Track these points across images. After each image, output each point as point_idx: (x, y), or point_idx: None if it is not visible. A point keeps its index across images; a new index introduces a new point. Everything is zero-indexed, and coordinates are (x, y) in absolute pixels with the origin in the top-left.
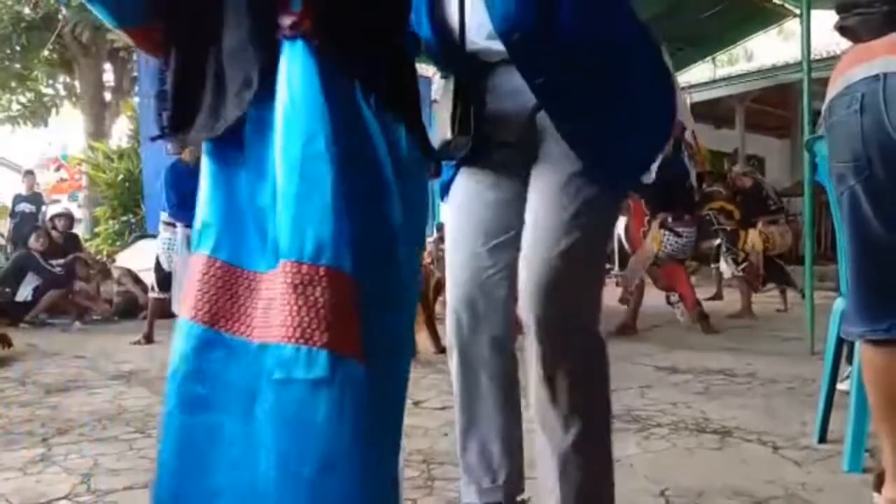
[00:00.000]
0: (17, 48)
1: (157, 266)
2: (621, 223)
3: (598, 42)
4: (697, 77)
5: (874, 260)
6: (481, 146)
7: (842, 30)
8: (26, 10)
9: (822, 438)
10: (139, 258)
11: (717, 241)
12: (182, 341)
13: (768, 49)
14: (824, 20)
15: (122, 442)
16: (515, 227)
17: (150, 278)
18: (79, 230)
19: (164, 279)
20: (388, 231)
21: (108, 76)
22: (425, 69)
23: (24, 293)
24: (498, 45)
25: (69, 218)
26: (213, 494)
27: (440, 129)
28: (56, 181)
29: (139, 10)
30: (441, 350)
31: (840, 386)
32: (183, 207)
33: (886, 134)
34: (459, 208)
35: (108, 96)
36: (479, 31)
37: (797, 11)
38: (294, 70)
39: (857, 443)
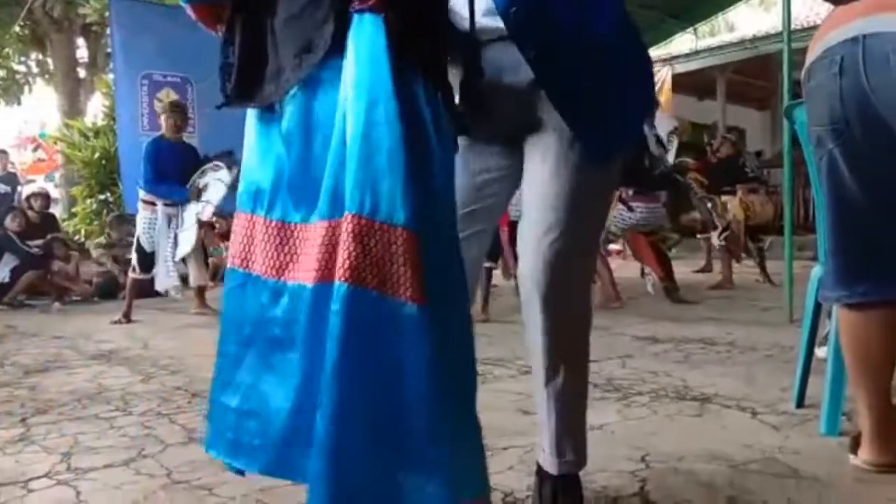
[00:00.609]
0: None
1: (138, 246)
2: None
3: (589, 18)
4: (679, 48)
5: (851, 224)
6: (477, 117)
7: None
8: None
9: (800, 403)
10: None
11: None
12: (257, 293)
13: (749, 19)
14: None
15: (102, 420)
16: (494, 196)
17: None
18: (56, 210)
19: (146, 259)
20: (438, 189)
21: (82, 52)
22: None
23: (2, 274)
24: (496, 23)
25: (46, 197)
26: (283, 412)
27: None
28: (34, 161)
29: None
30: None
31: (817, 352)
32: (159, 183)
33: (865, 96)
34: None
35: (81, 73)
36: (479, 9)
37: None
38: (362, 41)
39: (834, 407)
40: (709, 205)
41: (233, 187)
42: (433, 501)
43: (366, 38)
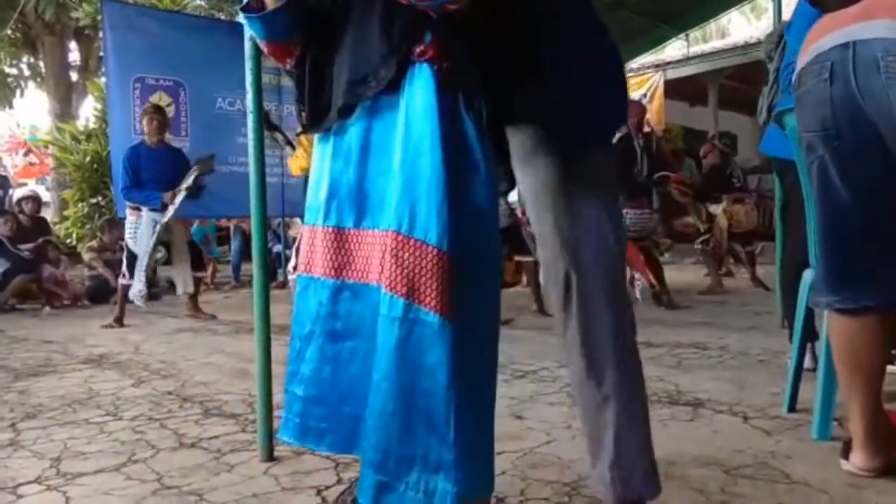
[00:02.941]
0: None
1: (127, 251)
2: None
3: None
4: (671, 54)
5: (841, 229)
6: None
7: (812, 1)
8: None
9: (792, 408)
10: None
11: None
12: (317, 293)
13: (741, 26)
14: None
15: (92, 425)
16: None
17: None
18: (47, 214)
19: (134, 264)
20: (480, 217)
21: (74, 55)
22: None
23: None
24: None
25: (37, 201)
26: (343, 397)
27: None
28: (25, 165)
29: (287, 27)
30: None
31: (805, 363)
32: (134, 190)
33: (855, 103)
34: None
35: (73, 76)
36: None
37: None
38: (418, 86)
39: (826, 412)
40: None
41: (196, 191)
42: (446, 498)
43: (422, 83)
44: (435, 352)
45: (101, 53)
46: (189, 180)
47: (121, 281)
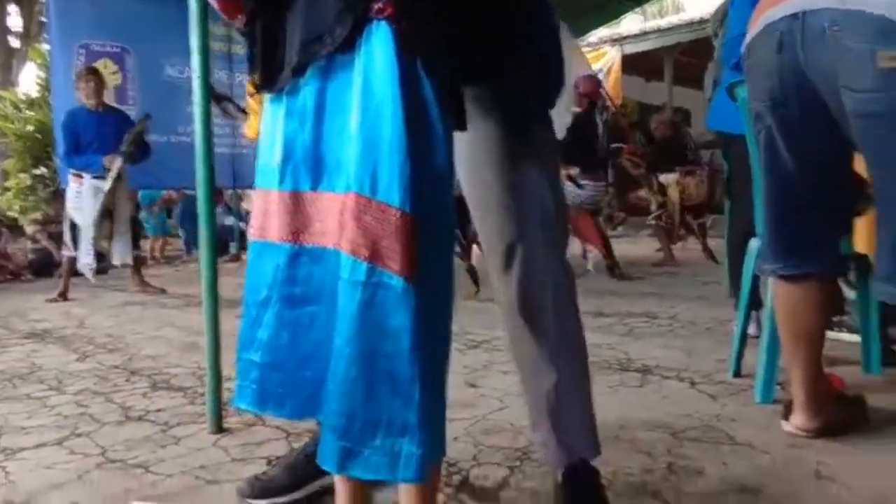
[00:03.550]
0: None
1: (71, 222)
2: None
3: None
4: (628, 28)
5: (786, 198)
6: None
7: None
8: None
9: (737, 373)
10: None
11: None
12: (273, 258)
13: (697, 1)
14: None
15: (34, 400)
16: None
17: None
18: None
19: (78, 234)
20: (439, 177)
21: (14, 20)
22: None
23: None
24: None
25: None
26: (303, 361)
27: None
28: None
29: None
30: None
31: (749, 330)
32: (75, 154)
33: (802, 73)
34: None
35: (14, 42)
36: None
37: None
38: (376, 45)
39: (769, 376)
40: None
41: (139, 154)
42: (412, 461)
43: (380, 42)
44: (399, 315)
45: (44, 18)
46: (125, 144)
47: (64, 253)
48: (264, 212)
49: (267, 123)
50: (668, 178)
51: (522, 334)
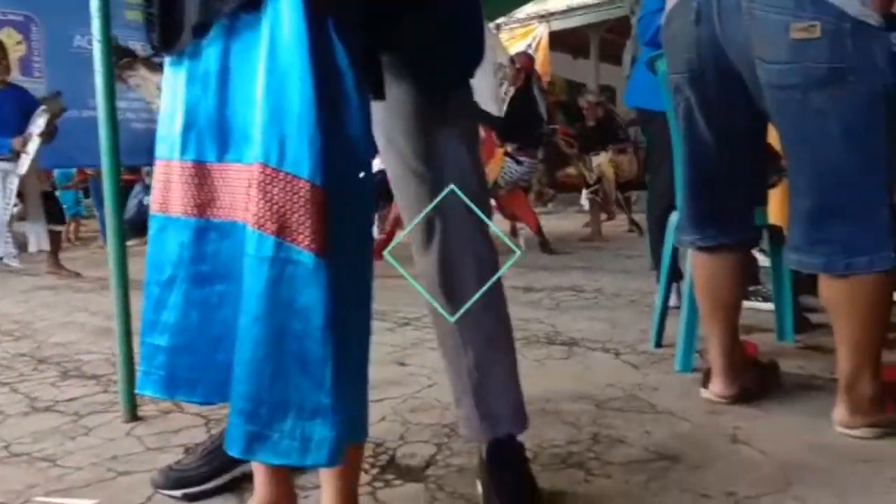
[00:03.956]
0: None
1: None
2: None
3: None
4: (556, 5)
5: (703, 170)
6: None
7: None
8: None
9: (658, 343)
10: None
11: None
12: (177, 234)
13: None
14: None
15: None
16: None
17: None
18: None
19: None
20: (352, 147)
21: None
22: None
23: None
24: None
25: None
26: (215, 343)
27: None
28: None
29: None
30: None
31: (670, 301)
32: None
33: (718, 45)
34: None
35: None
36: None
37: None
38: (284, 4)
39: (688, 345)
40: (581, 164)
41: (49, 135)
42: (324, 445)
43: (289, 1)
44: (309, 292)
45: None
46: (41, 124)
47: None
48: (166, 184)
49: (167, 89)
50: (599, 158)
51: (444, 310)
